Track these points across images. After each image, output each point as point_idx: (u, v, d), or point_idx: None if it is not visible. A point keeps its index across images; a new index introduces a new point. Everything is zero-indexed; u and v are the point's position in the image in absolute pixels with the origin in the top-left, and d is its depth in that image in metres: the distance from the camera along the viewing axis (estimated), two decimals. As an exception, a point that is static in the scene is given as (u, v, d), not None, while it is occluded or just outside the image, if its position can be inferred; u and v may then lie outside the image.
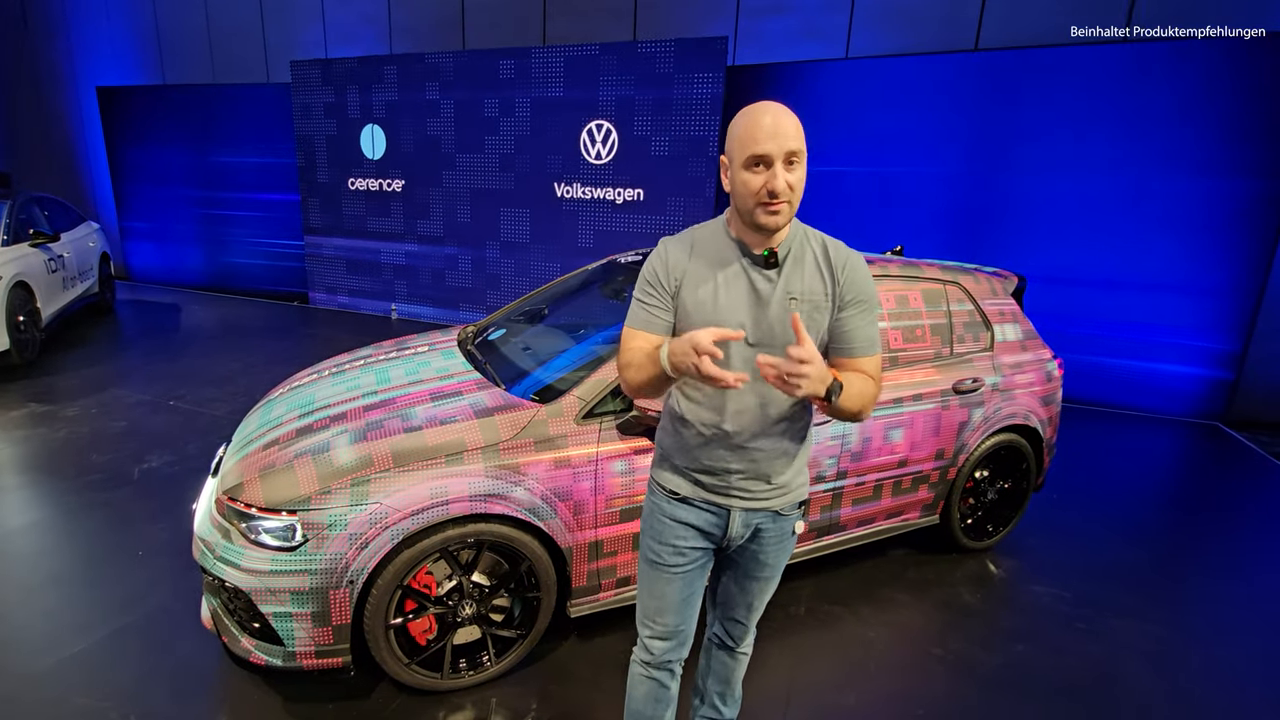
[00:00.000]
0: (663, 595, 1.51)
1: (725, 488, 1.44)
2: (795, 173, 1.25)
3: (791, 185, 1.25)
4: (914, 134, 5.60)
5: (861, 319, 1.37)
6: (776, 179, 1.23)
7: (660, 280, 1.41)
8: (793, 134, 1.24)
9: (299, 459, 2.05)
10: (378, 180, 7.31)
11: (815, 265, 1.36)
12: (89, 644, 2.29)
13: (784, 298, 1.34)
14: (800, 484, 1.51)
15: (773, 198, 1.25)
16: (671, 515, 1.49)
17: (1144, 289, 5.16)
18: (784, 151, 1.23)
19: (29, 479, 3.51)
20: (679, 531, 1.48)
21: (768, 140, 1.23)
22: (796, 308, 1.34)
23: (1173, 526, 3.64)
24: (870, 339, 1.38)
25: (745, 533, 1.48)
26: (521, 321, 3.20)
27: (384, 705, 2.08)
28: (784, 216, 1.28)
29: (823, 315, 1.36)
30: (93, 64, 9.24)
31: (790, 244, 1.36)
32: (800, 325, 1.19)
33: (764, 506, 1.46)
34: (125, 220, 9.28)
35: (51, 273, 5.74)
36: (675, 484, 1.49)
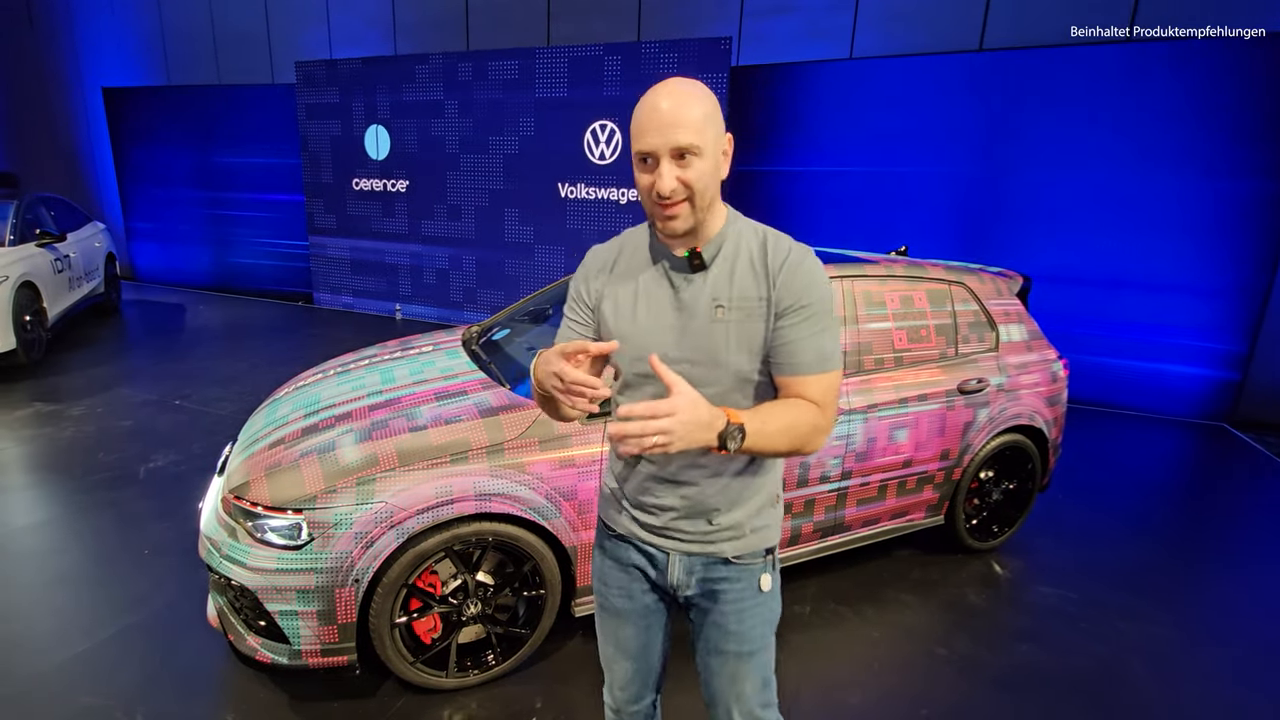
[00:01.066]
0: (614, 641, 1.34)
1: (660, 527, 1.24)
2: (692, 168, 1.05)
3: (688, 183, 1.06)
4: (919, 134, 5.59)
5: (804, 328, 1.12)
6: (662, 179, 1.05)
7: (580, 292, 1.27)
8: (686, 124, 1.03)
9: (305, 458, 2.05)
10: (382, 181, 7.33)
11: (749, 265, 1.15)
12: (96, 642, 2.30)
13: (710, 305, 1.14)
14: (761, 526, 1.25)
15: (662, 200, 1.07)
16: (613, 555, 1.32)
17: (1150, 289, 5.14)
18: (670, 147, 1.04)
19: (35, 478, 3.53)
20: (617, 575, 1.31)
21: (653, 133, 1.04)
22: (725, 317, 1.13)
23: (1178, 527, 3.62)
24: (817, 353, 1.12)
25: (689, 581, 1.25)
26: (526, 321, 3.20)
27: (389, 704, 2.08)
28: (684, 219, 1.09)
29: (757, 325, 1.13)
30: (98, 65, 9.28)
31: (721, 242, 1.16)
32: (659, 366, 0.99)
33: (708, 551, 1.23)
34: (131, 220, 9.32)
35: (57, 273, 5.76)
36: (613, 520, 1.31)
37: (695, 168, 1.06)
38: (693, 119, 1.04)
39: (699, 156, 1.05)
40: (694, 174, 1.06)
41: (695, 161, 1.05)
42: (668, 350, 1.15)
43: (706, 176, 1.07)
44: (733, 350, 1.14)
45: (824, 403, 1.13)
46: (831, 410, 1.15)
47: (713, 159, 1.08)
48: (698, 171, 1.06)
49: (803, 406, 1.11)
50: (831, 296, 1.16)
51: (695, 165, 1.06)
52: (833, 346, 1.15)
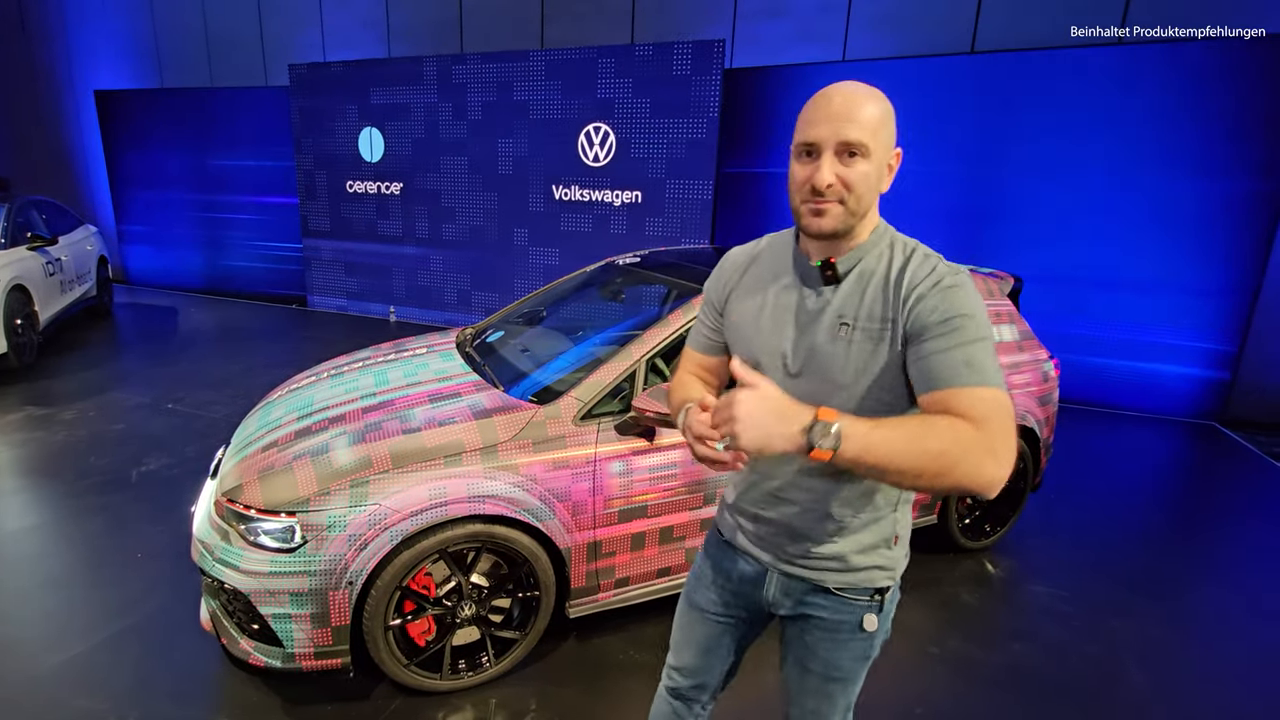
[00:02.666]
0: (686, 631, 1.35)
1: (762, 540, 1.21)
2: (855, 167, 1.01)
3: (847, 182, 1.01)
4: (911, 136, 5.59)
5: (943, 341, 0.98)
6: (821, 171, 1.01)
7: (710, 295, 1.26)
8: (859, 120, 1.00)
9: (298, 461, 2.05)
10: (376, 183, 7.32)
11: (883, 283, 1.06)
12: (89, 646, 2.29)
13: (834, 321, 1.08)
14: (869, 565, 1.16)
15: (815, 195, 1.02)
16: (715, 557, 1.30)
17: (1140, 289, 5.18)
18: (838, 139, 1.00)
19: (27, 482, 3.51)
20: (717, 575, 1.29)
21: (821, 123, 1.01)
22: (847, 335, 1.06)
23: (1170, 526, 3.65)
24: (965, 364, 0.96)
25: (787, 603, 1.21)
26: (520, 324, 3.21)
27: (383, 706, 2.08)
28: (832, 219, 1.03)
29: (880, 347, 1.04)
30: (90, 68, 9.24)
31: (861, 255, 1.08)
32: (739, 369, 0.95)
33: (808, 577, 1.17)
34: (123, 224, 9.28)
35: (49, 276, 5.73)
36: (723, 523, 1.31)
37: (859, 168, 1.01)
38: (867, 117, 1.00)
39: (865, 158, 1.01)
40: (856, 174, 1.01)
41: (860, 162, 1.01)
42: (785, 363, 1.11)
43: (869, 180, 1.02)
44: (850, 371, 1.06)
45: (984, 419, 0.91)
46: (998, 429, 0.91)
47: (878, 165, 1.03)
48: (860, 172, 1.01)
49: (943, 420, 0.93)
50: (983, 317, 0.99)
51: (859, 166, 1.01)
52: (986, 361, 0.97)
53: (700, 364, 1.30)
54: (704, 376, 1.31)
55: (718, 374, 1.30)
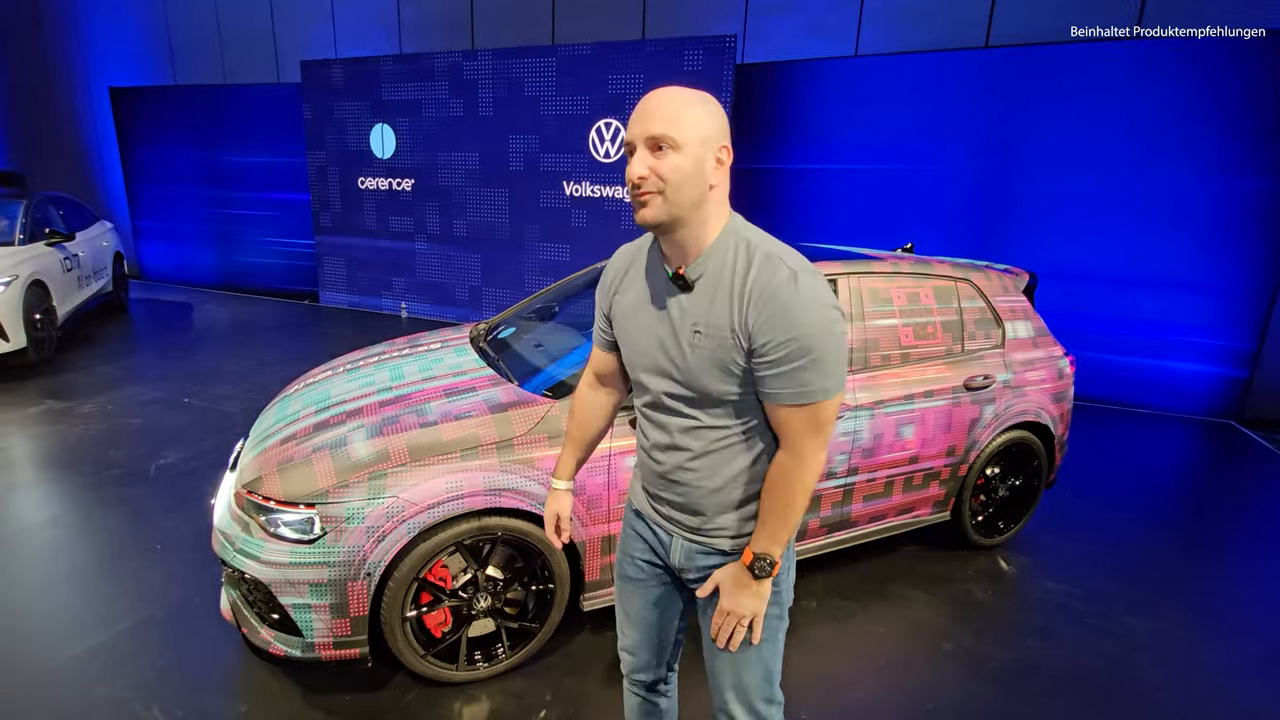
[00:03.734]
0: (623, 607, 1.44)
1: (663, 514, 1.31)
2: (665, 159, 1.05)
3: (660, 173, 1.05)
4: (924, 131, 5.58)
5: (780, 364, 1.06)
6: (631, 165, 1.08)
7: (597, 297, 1.35)
8: (665, 116, 1.05)
9: (317, 453, 2.07)
10: (387, 179, 7.35)
11: (729, 291, 1.09)
12: (109, 636, 2.33)
13: (689, 329, 1.13)
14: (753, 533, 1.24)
15: (634, 189, 1.08)
16: (632, 526, 1.41)
17: (1157, 286, 5.13)
18: (645, 136, 1.06)
19: (47, 475, 3.56)
20: (635, 544, 1.39)
21: (634, 123, 1.08)
22: (700, 342, 1.12)
23: (1186, 524, 3.62)
24: (797, 385, 1.07)
25: (690, 566, 1.29)
26: (532, 319, 3.22)
27: (400, 696, 2.11)
28: (653, 210, 1.07)
29: (731, 354, 1.10)
30: (105, 65, 9.33)
31: (708, 260, 1.12)
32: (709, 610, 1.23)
33: (705, 542, 1.25)
34: (138, 219, 9.37)
35: (67, 271, 5.80)
36: (634, 493, 1.41)
37: (669, 160, 1.05)
38: (671, 112, 1.05)
39: (675, 150, 1.05)
40: (667, 166, 1.05)
41: (670, 155, 1.05)
42: (653, 365, 1.21)
43: (681, 172, 1.05)
44: (709, 376, 1.13)
45: (800, 436, 1.11)
46: (813, 444, 1.11)
47: (693, 157, 1.06)
48: (671, 164, 1.05)
49: (780, 476, 1.14)
50: (825, 324, 1.05)
51: (670, 158, 1.05)
52: (818, 378, 1.06)
53: (603, 361, 1.41)
54: (605, 377, 1.44)
55: (614, 372, 1.42)
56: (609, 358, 1.39)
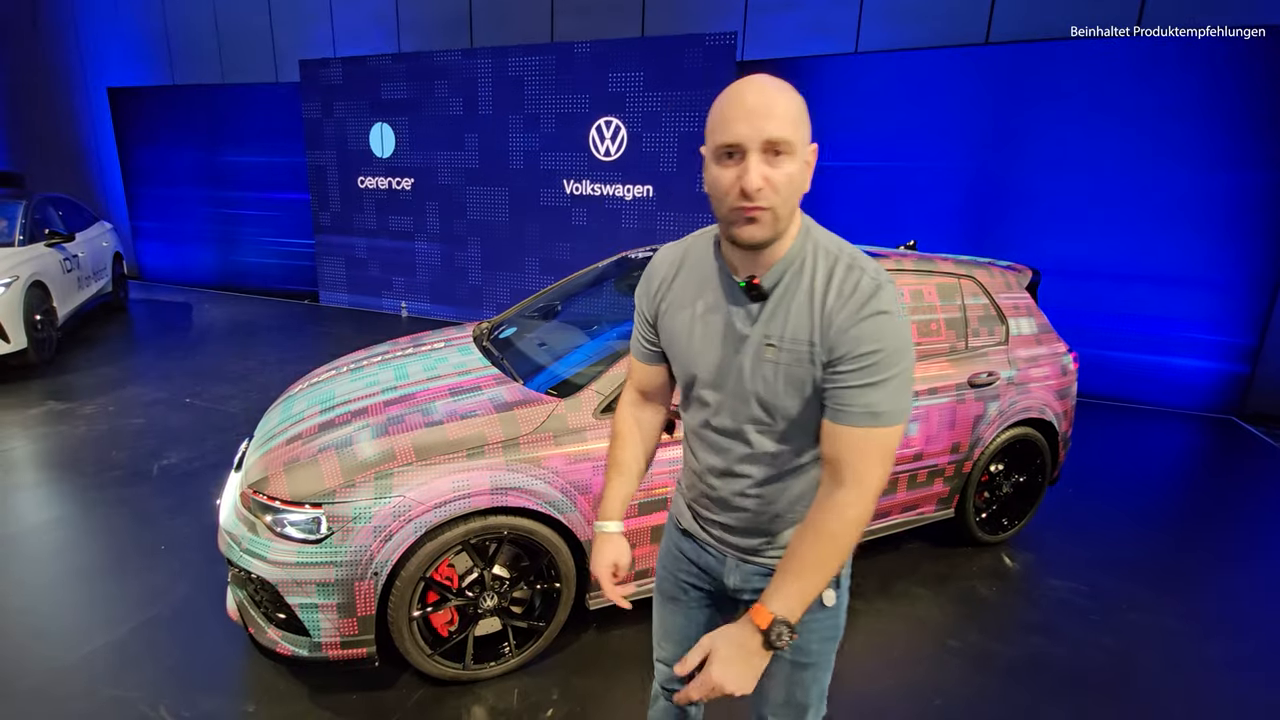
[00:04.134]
0: (663, 623, 1.36)
1: (716, 535, 1.22)
2: (781, 167, 0.94)
3: (774, 184, 0.93)
4: (926, 128, 5.58)
5: (853, 378, 0.97)
6: (749, 173, 0.92)
7: (640, 305, 1.21)
8: (780, 116, 0.92)
9: (323, 453, 2.07)
10: (387, 179, 7.34)
11: (808, 300, 1.01)
12: (116, 637, 2.32)
13: (761, 342, 1.04)
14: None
15: (745, 199, 0.94)
16: (676, 545, 1.31)
17: (1158, 282, 5.13)
18: (762, 138, 0.92)
19: (50, 475, 3.56)
20: (680, 565, 1.30)
21: (741, 122, 0.93)
22: (775, 357, 1.03)
23: (1188, 520, 3.63)
24: (865, 406, 0.97)
25: (746, 588, 1.21)
26: (535, 317, 3.22)
27: (407, 696, 2.11)
28: (764, 228, 0.96)
29: (806, 369, 1.01)
30: (103, 65, 9.30)
31: (785, 268, 1.03)
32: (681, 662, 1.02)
33: (764, 563, 1.19)
34: (137, 220, 9.36)
35: (67, 272, 5.79)
36: (680, 512, 1.31)
37: (785, 167, 0.94)
38: (786, 112, 0.93)
39: (790, 156, 0.94)
40: (784, 175, 0.94)
41: (786, 162, 0.94)
42: (717, 382, 1.10)
43: (795, 181, 0.95)
44: (778, 393, 1.04)
45: (863, 464, 0.97)
46: (878, 474, 0.98)
47: (801, 163, 0.96)
48: (787, 173, 0.94)
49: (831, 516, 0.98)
50: (903, 344, 0.97)
51: (785, 166, 0.94)
52: (888, 401, 0.97)
53: (647, 376, 1.26)
54: (650, 393, 1.29)
55: (662, 386, 1.28)
56: (654, 371, 1.25)
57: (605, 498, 1.26)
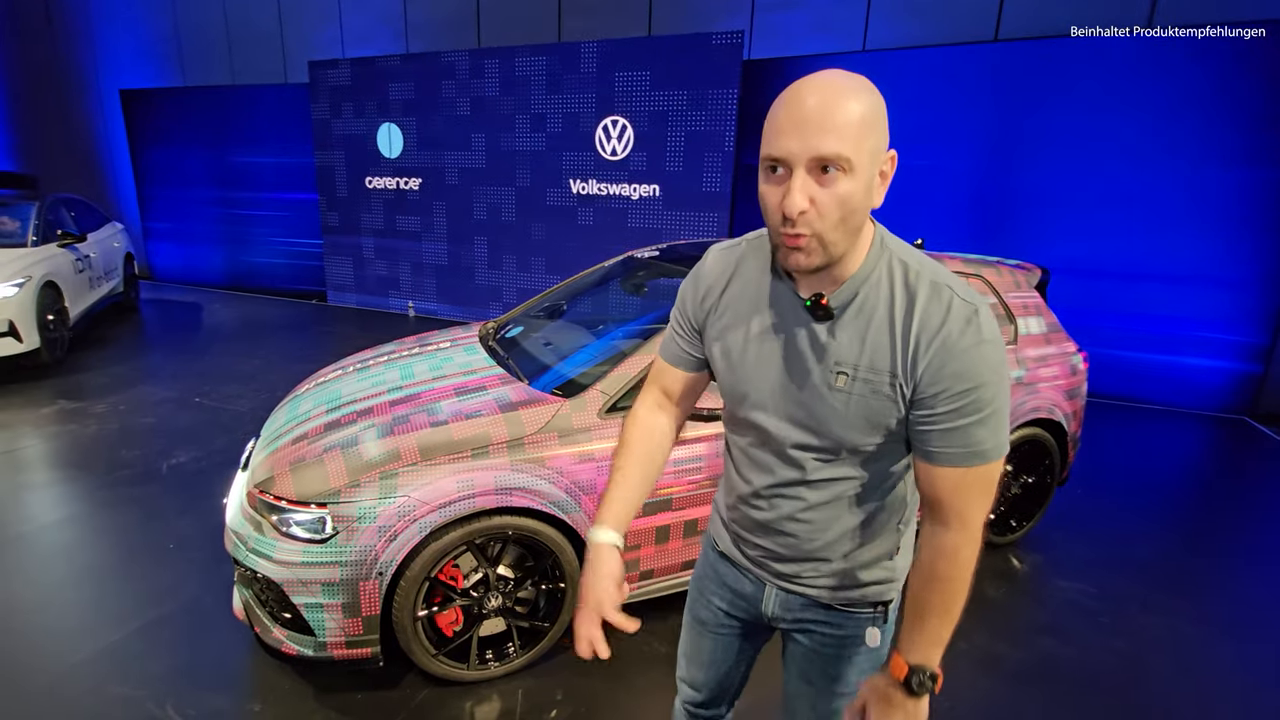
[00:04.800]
0: (692, 645, 1.30)
1: (756, 560, 1.15)
2: (834, 187, 0.82)
3: (822, 207, 0.83)
4: (934, 126, 5.55)
5: (951, 418, 0.89)
6: (791, 195, 0.82)
7: (686, 308, 1.11)
8: (839, 127, 0.80)
9: (328, 453, 2.08)
10: (394, 179, 7.37)
11: (887, 325, 0.90)
12: (124, 635, 2.34)
13: (831, 369, 0.94)
14: (873, 581, 1.09)
15: (785, 223, 0.84)
16: (713, 568, 1.24)
17: (1170, 281, 5.08)
18: (810, 155, 0.81)
19: (61, 475, 3.59)
20: (717, 591, 1.23)
21: (789, 133, 0.82)
22: (847, 386, 0.93)
23: (1200, 522, 3.58)
24: (964, 445, 0.89)
25: (785, 616, 1.15)
26: (541, 317, 3.22)
27: (411, 695, 2.11)
28: (812, 256, 0.86)
29: (885, 403, 0.92)
30: (115, 67, 9.39)
31: (858, 287, 0.92)
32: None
33: (805, 593, 1.11)
34: (148, 220, 9.44)
35: (79, 273, 5.85)
36: (717, 533, 1.23)
37: (841, 187, 0.82)
38: (847, 122, 0.81)
39: (848, 174, 0.82)
40: (834, 197, 0.82)
41: (842, 180, 0.82)
42: (774, 406, 1.00)
43: (852, 203, 0.83)
44: (846, 425, 0.95)
45: (968, 504, 0.91)
46: (981, 511, 0.93)
47: (865, 180, 0.84)
48: (841, 195, 0.82)
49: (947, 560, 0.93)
50: (1001, 376, 0.88)
51: (842, 184, 0.82)
52: (991, 435, 0.89)
53: (676, 380, 1.17)
54: (676, 397, 1.19)
55: (688, 393, 1.18)
56: (684, 377, 1.16)
57: (606, 504, 1.12)
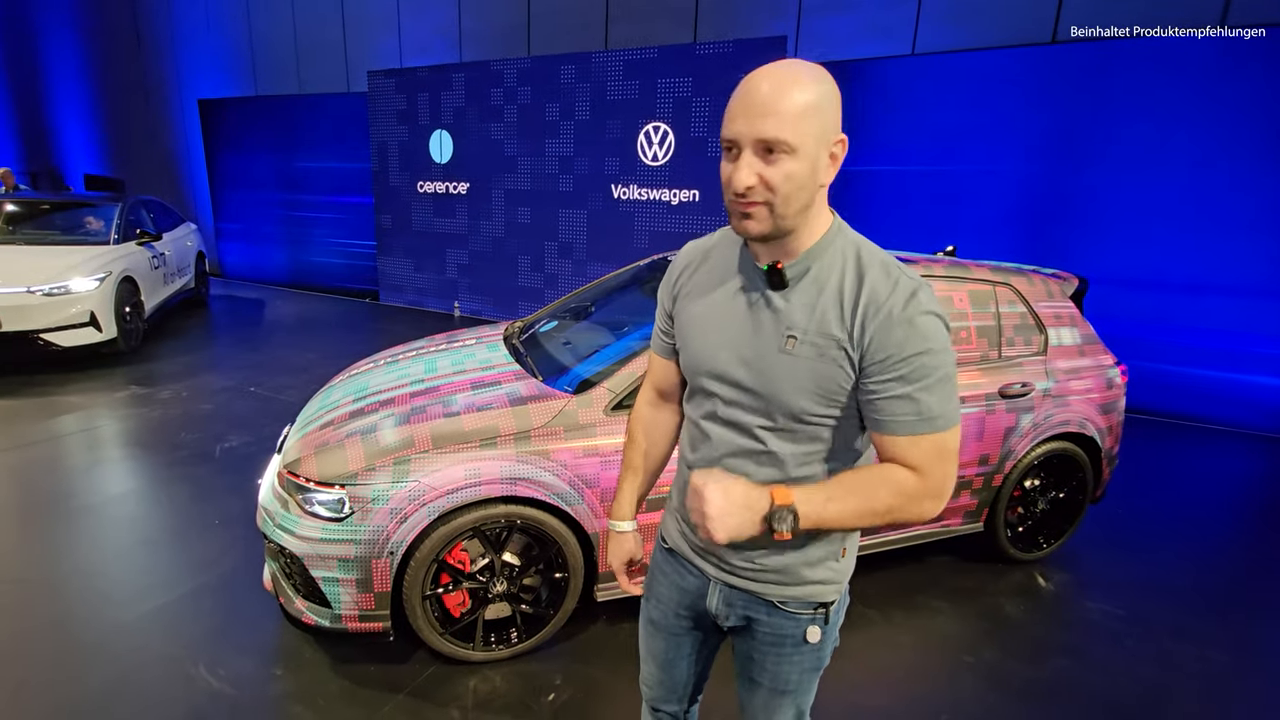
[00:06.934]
0: (647, 645, 1.31)
1: (704, 549, 1.15)
2: (779, 166, 0.90)
3: (769, 183, 0.91)
4: (985, 131, 5.40)
5: (897, 385, 0.94)
6: (739, 172, 0.91)
7: (660, 296, 1.19)
8: (783, 113, 0.88)
9: (349, 438, 2.21)
10: (444, 183, 7.65)
11: (837, 297, 0.97)
12: (170, 599, 2.55)
13: (781, 332, 0.99)
14: (816, 580, 1.10)
15: (738, 197, 0.93)
16: (661, 566, 1.25)
17: (1231, 293, 4.79)
18: (755, 137, 0.89)
19: (128, 453, 3.90)
20: (664, 591, 1.24)
21: (739, 118, 0.91)
22: (794, 350, 0.98)
23: (1249, 548, 3.37)
24: (915, 412, 0.94)
25: (728, 613, 1.16)
26: (566, 318, 3.31)
27: (420, 671, 2.22)
28: (759, 223, 0.94)
29: (831, 369, 0.97)
30: (194, 78, 10.08)
31: (812, 259, 0.99)
32: (696, 475, 0.95)
33: (749, 588, 1.12)
34: (220, 221, 10.08)
35: (154, 269, 6.31)
36: (666, 528, 1.25)
37: (783, 167, 0.90)
38: (789, 108, 0.88)
39: (790, 155, 0.90)
40: (780, 174, 0.90)
41: (784, 160, 0.90)
42: (726, 370, 1.04)
43: (796, 179, 0.91)
44: (794, 390, 0.99)
45: (925, 469, 0.95)
46: (938, 475, 0.96)
47: (809, 160, 0.91)
48: (785, 172, 0.90)
49: (886, 477, 0.96)
50: (945, 346, 0.94)
51: (784, 164, 0.90)
52: (940, 403, 0.94)
53: (665, 372, 1.24)
54: (668, 391, 1.26)
55: (681, 382, 1.23)
56: (672, 367, 1.22)
57: (617, 497, 1.29)
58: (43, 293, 4.93)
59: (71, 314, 5.05)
